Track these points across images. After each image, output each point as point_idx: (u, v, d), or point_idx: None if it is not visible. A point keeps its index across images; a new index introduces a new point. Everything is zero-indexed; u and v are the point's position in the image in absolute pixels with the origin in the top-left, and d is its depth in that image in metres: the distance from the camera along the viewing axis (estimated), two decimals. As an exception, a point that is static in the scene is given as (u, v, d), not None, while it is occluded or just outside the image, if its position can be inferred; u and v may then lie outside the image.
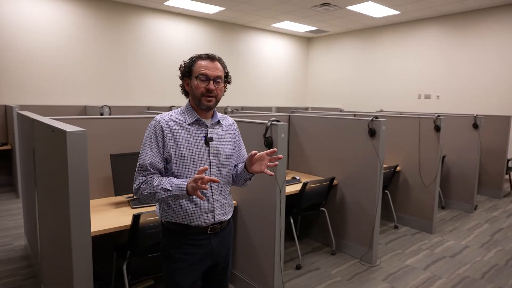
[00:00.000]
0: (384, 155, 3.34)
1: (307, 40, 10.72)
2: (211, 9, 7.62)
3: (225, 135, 1.70)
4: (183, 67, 1.62)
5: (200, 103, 1.58)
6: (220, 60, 1.62)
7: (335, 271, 3.21)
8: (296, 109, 7.04)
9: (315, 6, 7.17)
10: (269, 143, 2.44)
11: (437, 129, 4.04)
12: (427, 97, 8.11)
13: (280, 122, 2.41)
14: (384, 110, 7.96)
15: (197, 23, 8.40)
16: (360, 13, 7.66)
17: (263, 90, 9.88)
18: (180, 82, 1.66)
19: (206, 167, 1.38)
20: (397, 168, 4.34)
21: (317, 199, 3.41)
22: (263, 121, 2.50)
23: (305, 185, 3.13)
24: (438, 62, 7.90)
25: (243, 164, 1.70)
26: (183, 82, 1.64)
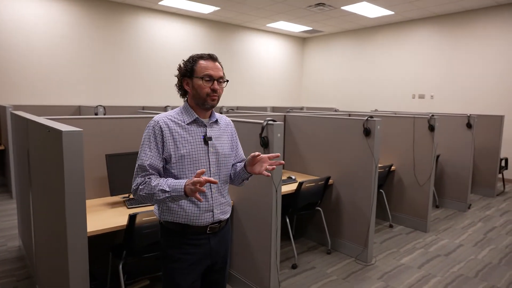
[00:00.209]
0: (379, 155, 3.36)
1: (302, 40, 10.74)
2: (206, 9, 7.61)
3: (223, 134, 1.70)
4: (183, 66, 1.61)
5: (205, 102, 1.58)
6: (218, 60, 1.64)
7: (330, 270, 3.23)
8: (291, 109, 7.05)
9: (310, 6, 7.19)
10: (265, 143, 2.44)
11: (431, 128, 4.07)
12: (421, 97, 8.17)
13: (276, 121, 2.42)
14: (379, 110, 8.01)
15: (192, 23, 8.38)
16: (355, 13, 7.69)
17: (258, 90, 9.89)
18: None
19: (204, 170, 1.37)
20: (392, 167, 4.36)
21: (313, 198, 3.42)
22: (259, 120, 2.51)
23: (300, 184, 3.14)
24: (432, 62, 7.96)
25: (242, 163, 1.71)
26: (181, 81, 1.62)
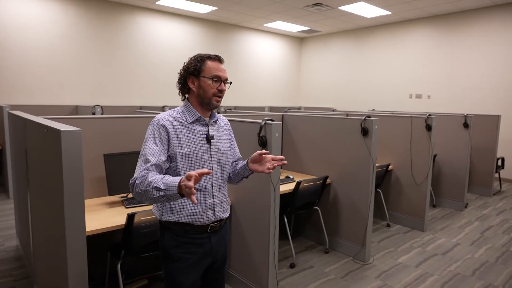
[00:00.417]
0: (377, 154, 3.37)
1: (299, 40, 10.76)
2: (203, 8, 7.61)
3: (222, 133, 1.72)
4: (190, 65, 1.60)
5: (210, 102, 1.60)
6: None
7: (328, 269, 3.24)
8: (289, 108, 7.06)
9: (307, 6, 7.20)
10: (263, 142, 2.45)
11: (429, 128, 4.09)
12: (418, 96, 8.20)
13: (274, 121, 2.43)
14: (376, 109, 8.03)
15: (189, 23, 8.38)
16: (352, 13, 7.71)
17: (255, 90, 9.89)
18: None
19: (207, 171, 1.28)
20: (389, 167, 4.38)
21: (311, 198, 3.43)
22: (258, 120, 2.51)
23: (298, 184, 3.15)
24: (429, 62, 7.99)
25: (243, 161, 1.73)
26: (186, 79, 1.61)
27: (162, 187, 1.35)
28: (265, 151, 1.60)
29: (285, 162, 1.62)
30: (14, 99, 6.30)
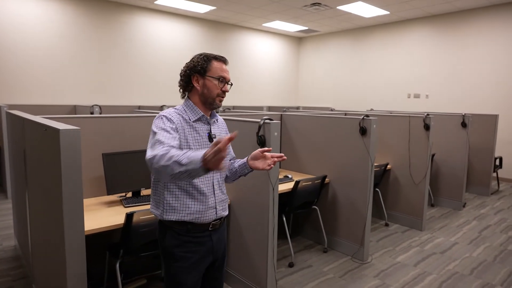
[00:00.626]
0: (375, 154, 3.38)
1: (298, 40, 10.76)
2: (201, 8, 7.60)
3: (222, 132, 1.74)
4: (198, 63, 1.59)
5: (213, 102, 1.61)
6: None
7: (327, 268, 3.24)
8: (288, 108, 7.07)
9: (306, 5, 7.20)
10: (262, 142, 2.45)
11: (427, 127, 4.10)
12: (417, 96, 8.21)
13: (273, 120, 2.43)
14: (375, 109, 8.04)
15: (187, 23, 8.37)
16: (350, 13, 7.72)
17: (254, 90, 9.89)
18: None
19: (235, 134, 1.22)
20: (388, 166, 4.39)
21: (309, 197, 3.43)
22: (256, 119, 2.51)
23: (297, 183, 3.15)
24: (427, 62, 8.01)
25: (241, 160, 1.73)
26: (190, 77, 1.61)
27: (184, 161, 1.26)
28: (267, 148, 1.61)
29: (285, 158, 1.62)
30: (12, 98, 6.28)
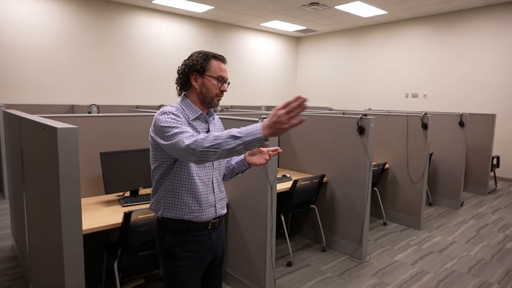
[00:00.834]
0: (373, 153, 3.38)
1: (296, 40, 10.76)
2: (199, 8, 7.59)
3: (218, 130, 1.74)
4: (197, 62, 1.57)
5: (212, 101, 1.60)
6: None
7: (325, 267, 3.24)
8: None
9: (304, 5, 7.20)
10: (260, 141, 2.45)
11: (424, 127, 4.10)
12: (414, 96, 8.23)
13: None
14: (373, 108, 8.06)
15: (185, 22, 8.36)
16: (349, 12, 7.72)
17: (252, 90, 9.89)
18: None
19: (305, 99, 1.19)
20: (386, 165, 4.39)
21: (308, 196, 3.44)
22: (255, 118, 2.51)
23: (295, 182, 3.15)
24: (425, 61, 8.02)
25: (240, 156, 1.73)
26: (188, 75, 1.59)
27: (238, 134, 1.23)
28: (265, 144, 1.60)
29: (280, 151, 1.63)
30: (9, 98, 6.25)
